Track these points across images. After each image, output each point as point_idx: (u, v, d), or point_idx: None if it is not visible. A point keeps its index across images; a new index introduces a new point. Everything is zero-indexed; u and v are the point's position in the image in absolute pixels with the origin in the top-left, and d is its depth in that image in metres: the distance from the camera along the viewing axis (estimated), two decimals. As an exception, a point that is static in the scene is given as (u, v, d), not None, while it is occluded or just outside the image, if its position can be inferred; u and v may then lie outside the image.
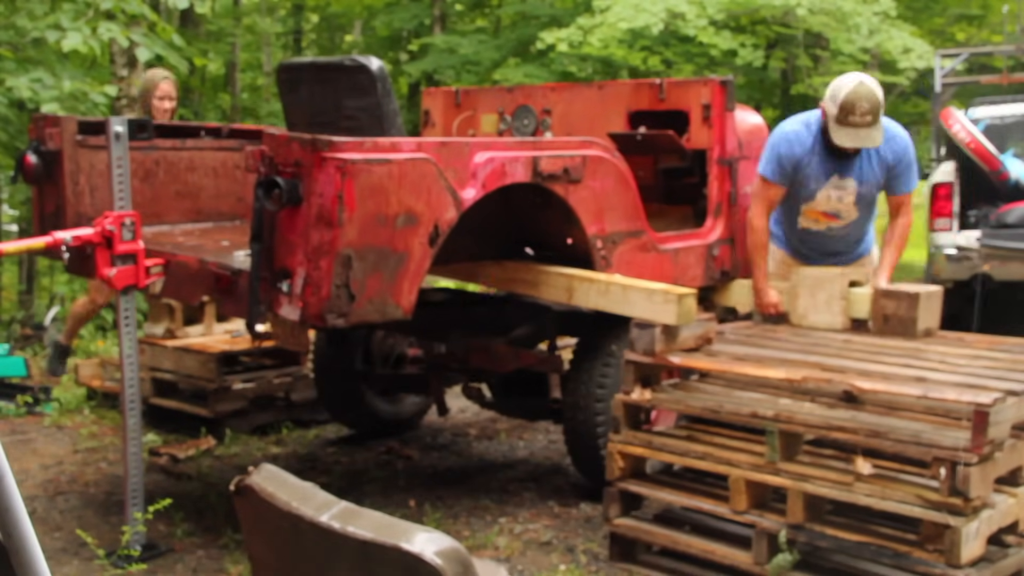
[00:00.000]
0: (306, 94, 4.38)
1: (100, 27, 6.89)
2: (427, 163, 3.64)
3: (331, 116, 4.17)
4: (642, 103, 4.99)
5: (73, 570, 3.87)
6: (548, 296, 4.36)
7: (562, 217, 4.25)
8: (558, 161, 4.11)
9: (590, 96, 5.20)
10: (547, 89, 5.44)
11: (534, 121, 5.27)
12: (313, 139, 3.44)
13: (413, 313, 3.70)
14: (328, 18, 18.84)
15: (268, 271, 3.52)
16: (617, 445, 3.82)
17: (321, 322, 3.52)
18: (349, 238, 3.44)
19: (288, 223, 3.46)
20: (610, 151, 4.39)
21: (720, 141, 4.79)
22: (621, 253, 4.36)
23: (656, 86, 4.94)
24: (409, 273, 3.64)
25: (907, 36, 10.80)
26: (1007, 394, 3.19)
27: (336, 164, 3.40)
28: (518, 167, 3.98)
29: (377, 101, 4.00)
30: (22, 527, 1.36)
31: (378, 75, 4.00)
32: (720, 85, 4.76)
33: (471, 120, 5.48)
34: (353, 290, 3.49)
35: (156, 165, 4.68)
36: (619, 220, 4.36)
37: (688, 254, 4.71)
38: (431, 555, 1.67)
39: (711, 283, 4.85)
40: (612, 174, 4.33)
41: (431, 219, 3.65)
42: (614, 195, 4.33)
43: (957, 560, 3.07)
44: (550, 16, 12.78)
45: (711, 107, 4.76)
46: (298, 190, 3.42)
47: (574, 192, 4.18)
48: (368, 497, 4.55)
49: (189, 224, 4.78)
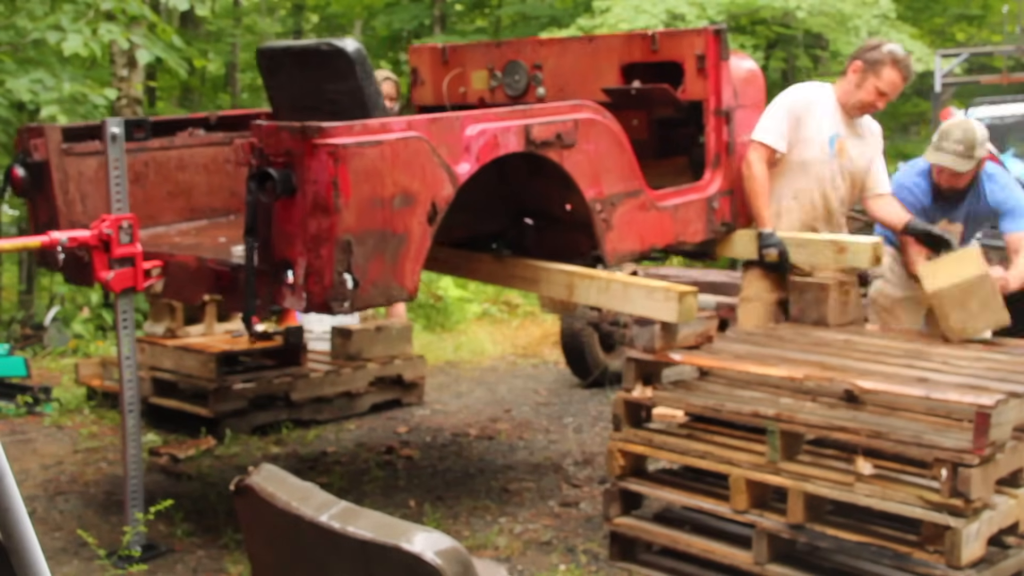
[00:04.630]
0: (287, 79, 4.33)
1: (100, 28, 6.89)
2: (419, 141, 3.60)
3: (313, 100, 4.11)
4: (635, 55, 4.90)
5: (73, 570, 3.87)
6: (548, 293, 4.33)
7: (559, 183, 4.20)
8: (550, 127, 4.06)
9: (581, 50, 5.10)
10: (537, 43, 5.35)
11: (525, 77, 5.18)
12: (303, 127, 3.41)
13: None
14: (328, 18, 18.83)
15: (268, 264, 3.51)
16: (618, 443, 3.81)
17: (326, 310, 3.49)
18: (347, 223, 3.42)
19: (284, 214, 3.44)
20: (601, 112, 4.33)
21: (716, 92, 4.71)
22: (621, 214, 4.31)
23: (648, 38, 4.86)
24: (411, 254, 3.61)
25: (906, 39, 10.80)
26: (1009, 395, 3.19)
27: (328, 150, 3.37)
28: (510, 137, 3.93)
29: (358, 84, 3.95)
30: (22, 527, 1.36)
31: (356, 58, 3.94)
32: (714, 35, 4.67)
33: (461, 77, 5.40)
34: (356, 275, 3.47)
35: (146, 166, 4.65)
36: (616, 181, 4.31)
37: (688, 209, 4.66)
38: (431, 555, 1.67)
39: (713, 236, 4.79)
40: (605, 136, 4.28)
41: (428, 197, 3.62)
42: (609, 157, 4.28)
43: (957, 561, 3.07)
44: (550, 17, 12.78)
45: (705, 57, 4.70)
46: (291, 180, 3.38)
47: (568, 157, 4.12)
48: (368, 497, 4.55)
49: (184, 223, 4.76)
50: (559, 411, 6.16)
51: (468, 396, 6.55)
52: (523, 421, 5.93)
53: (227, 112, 5.14)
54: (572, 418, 5.99)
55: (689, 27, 10.20)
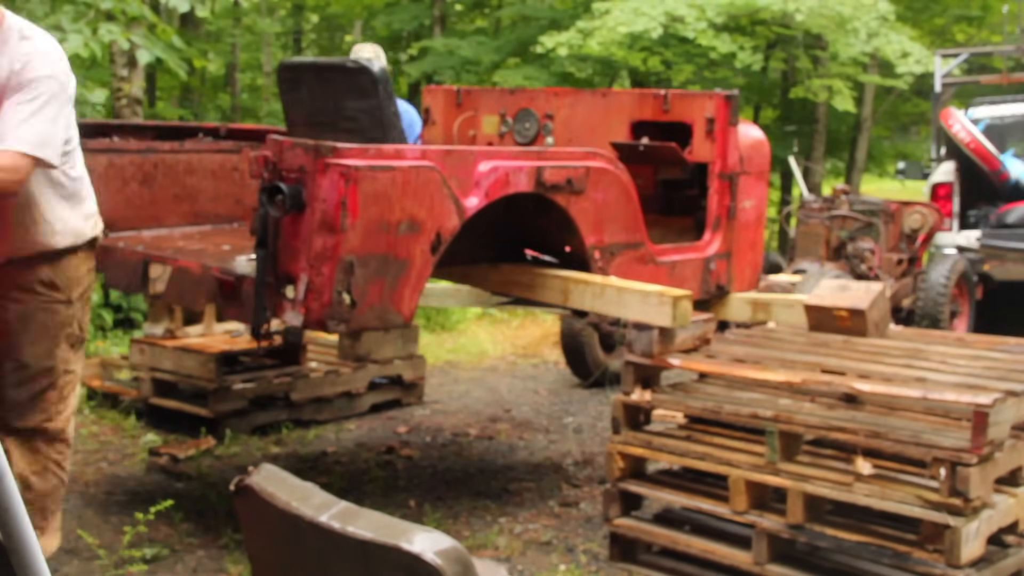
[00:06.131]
0: (307, 94, 4.37)
1: (100, 28, 6.89)
2: (431, 171, 3.63)
3: (331, 116, 4.16)
4: (645, 113, 4.98)
5: (73, 570, 3.87)
6: (544, 298, 4.36)
7: (562, 226, 4.25)
8: (562, 172, 4.11)
9: (593, 103, 5.19)
10: (550, 93, 5.43)
11: (536, 125, 5.25)
12: (316, 145, 3.44)
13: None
14: (328, 18, 18.83)
15: (272, 276, 3.52)
16: (617, 446, 3.82)
17: (323, 328, 3.51)
18: (351, 244, 3.44)
19: (292, 229, 3.46)
20: (613, 163, 4.39)
21: (722, 155, 4.79)
22: (618, 264, 4.36)
23: (660, 97, 4.94)
24: (410, 280, 3.63)
25: (906, 40, 10.79)
26: (1007, 394, 3.19)
27: (340, 170, 3.39)
28: (522, 177, 3.98)
29: (378, 103, 3.99)
30: (22, 527, 1.37)
31: (380, 78, 4.00)
32: (724, 100, 4.76)
33: (472, 121, 5.46)
34: (355, 296, 3.48)
35: (155, 168, 4.67)
36: (618, 232, 4.37)
37: (685, 267, 4.72)
38: (431, 555, 1.67)
39: (707, 296, 4.85)
40: (615, 186, 4.34)
41: (434, 227, 3.65)
42: (615, 207, 4.34)
43: (957, 560, 3.08)
44: (550, 18, 12.77)
45: (715, 121, 4.76)
46: (301, 196, 3.41)
47: (575, 203, 4.18)
48: (368, 497, 4.55)
49: (188, 227, 4.77)
50: (559, 411, 6.16)
51: (468, 396, 6.56)
52: (523, 421, 5.93)
53: (236, 125, 5.19)
54: (572, 418, 5.99)
55: (688, 29, 10.23)
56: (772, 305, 4.76)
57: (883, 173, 17.03)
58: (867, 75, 12.35)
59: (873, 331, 4.15)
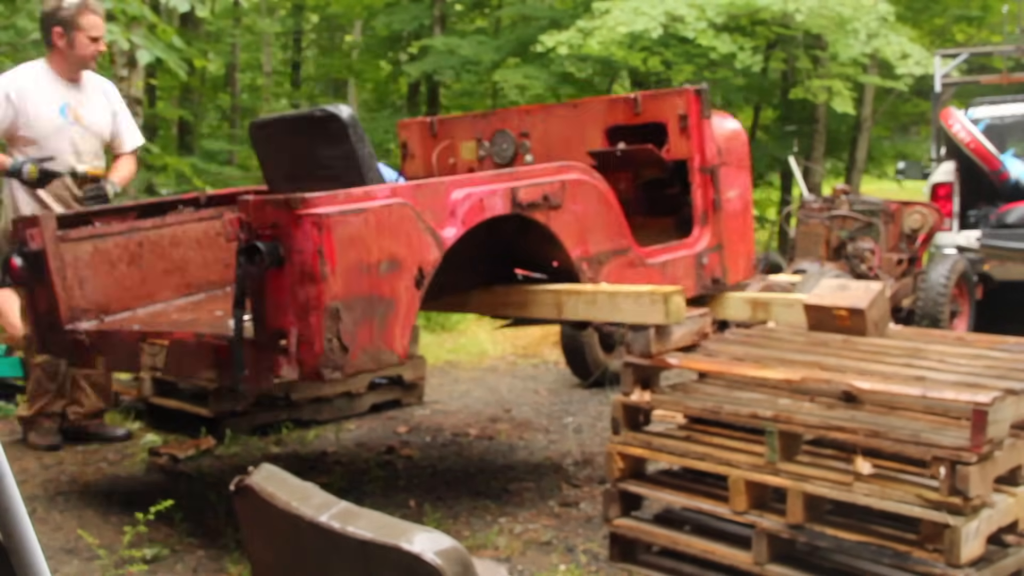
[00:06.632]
0: (280, 148, 4.40)
1: (100, 28, 6.88)
2: (403, 207, 3.63)
3: (307, 168, 4.18)
4: (618, 118, 4.97)
5: (73, 570, 3.87)
6: (539, 315, 4.36)
7: (545, 242, 4.25)
8: (537, 189, 4.10)
9: (566, 115, 5.17)
10: (522, 112, 5.42)
11: (512, 145, 5.25)
12: (286, 199, 3.43)
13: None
14: (328, 18, 18.84)
15: (263, 335, 3.51)
16: (617, 446, 3.82)
17: (319, 377, 3.49)
18: (334, 291, 3.43)
19: (275, 284, 3.45)
20: (588, 172, 4.38)
21: (700, 150, 4.78)
22: (608, 272, 4.36)
23: (631, 100, 4.93)
24: (399, 318, 3.62)
25: (905, 41, 10.80)
26: (1006, 393, 3.19)
27: (312, 220, 3.38)
28: (496, 200, 3.97)
29: (351, 147, 3.99)
30: (22, 527, 1.37)
31: (349, 122, 4.00)
32: (695, 94, 4.75)
33: (449, 148, 5.47)
34: (345, 342, 3.47)
35: (140, 246, 4.66)
36: (602, 240, 4.36)
37: (676, 265, 4.71)
38: (431, 555, 1.67)
39: (703, 292, 4.84)
40: (592, 195, 4.33)
41: (414, 262, 3.64)
42: (596, 216, 4.34)
43: (957, 560, 3.08)
44: (550, 18, 12.77)
45: (687, 117, 4.75)
46: (278, 251, 3.40)
47: (555, 218, 4.17)
48: (368, 497, 4.55)
49: (181, 299, 4.77)
50: (559, 411, 6.16)
51: (468, 396, 6.56)
52: (523, 421, 5.93)
53: (215, 192, 5.20)
54: (572, 418, 6.00)
55: (688, 29, 10.22)
56: (772, 304, 4.76)
57: (883, 174, 17.04)
58: (867, 76, 12.35)
59: (873, 330, 4.16)
